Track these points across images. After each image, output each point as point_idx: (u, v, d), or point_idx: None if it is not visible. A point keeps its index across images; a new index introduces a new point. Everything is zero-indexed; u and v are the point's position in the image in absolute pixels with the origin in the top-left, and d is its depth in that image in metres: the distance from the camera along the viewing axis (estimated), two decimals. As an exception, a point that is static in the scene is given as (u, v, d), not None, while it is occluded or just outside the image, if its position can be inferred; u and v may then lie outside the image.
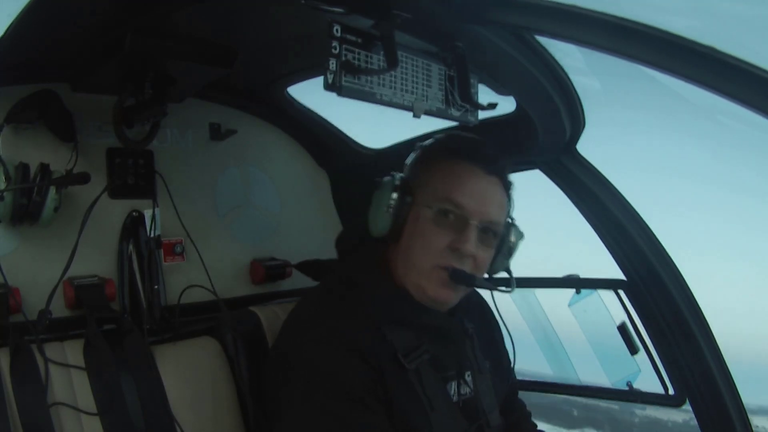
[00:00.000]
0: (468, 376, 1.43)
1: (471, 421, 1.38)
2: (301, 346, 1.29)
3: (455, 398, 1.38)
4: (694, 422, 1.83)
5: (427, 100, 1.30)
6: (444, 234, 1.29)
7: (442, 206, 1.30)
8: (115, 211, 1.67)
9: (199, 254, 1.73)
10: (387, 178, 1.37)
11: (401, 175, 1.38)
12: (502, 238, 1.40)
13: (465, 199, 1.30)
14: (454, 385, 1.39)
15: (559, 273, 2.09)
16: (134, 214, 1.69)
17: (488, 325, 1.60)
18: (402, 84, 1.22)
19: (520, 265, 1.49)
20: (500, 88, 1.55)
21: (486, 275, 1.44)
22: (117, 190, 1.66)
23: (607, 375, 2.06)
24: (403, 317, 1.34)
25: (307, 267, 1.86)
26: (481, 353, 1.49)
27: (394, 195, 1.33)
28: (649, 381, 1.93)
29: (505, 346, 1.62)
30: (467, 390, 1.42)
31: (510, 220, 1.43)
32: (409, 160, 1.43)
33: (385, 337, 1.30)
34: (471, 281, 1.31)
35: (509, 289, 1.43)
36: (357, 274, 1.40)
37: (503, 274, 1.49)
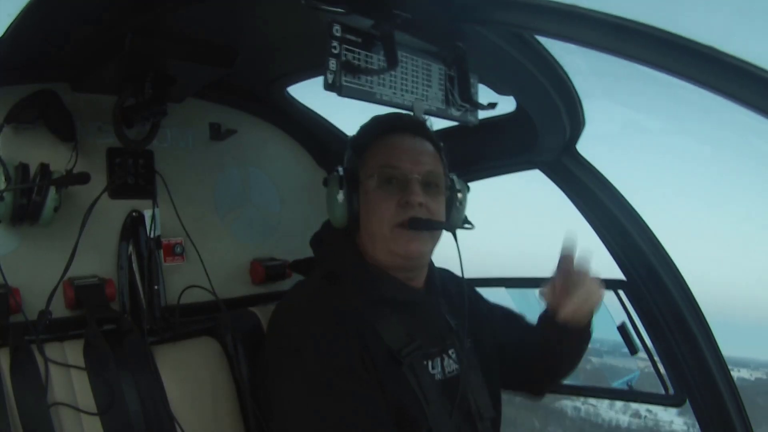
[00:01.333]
0: (452, 353, 1.44)
1: (460, 403, 1.38)
2: (289, 335, 1.31)
3: (439, 377, 1.39)
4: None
5: (427, 100, 1.30)
6: (391, 196, 1.36)
7: (381, 171, 1.37)
8: (115, 211, 1.67)
9: (199, 254, 1.73)
10: (332, 174, 1.42)
11: (342, 167, 1.43)
12: (450, 193, 1.47)
13: (400, 160, 1.37)
14: (438, 363, 1.40)
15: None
16: (134, 214, 1.69)
17: (475, 316, 1.58)
18: (402, 84, 1.22)
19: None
20: (500, 88, 1.55)
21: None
22: (117, 190, 1.66)
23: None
24: (383, 294, 1.37)
25: (299, 265, 1.88)
26: (467, 344, 1.50)
27: (341, 185, 1.39)
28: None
29: (487, 321, 1.62)
30: (452, 369, 1.43)
31: (451, 178, 1.50)
32: (346, 151, 1.48)
33: (376, 332, 1.31)
34: (429, 225, 1.37)
35: (470, 226, 1.51)
36: (335, 263, 1.43)
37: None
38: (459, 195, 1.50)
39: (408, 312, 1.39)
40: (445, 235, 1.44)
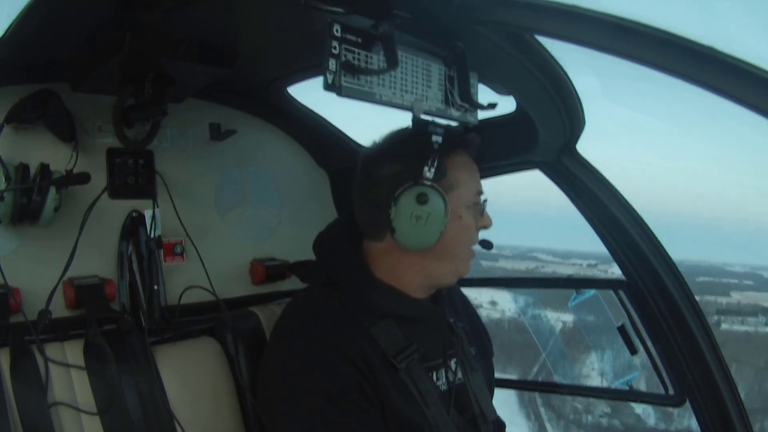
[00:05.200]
0: (454, 363, 1.44)
1: (462, 410, 1.40)
2: (290, 354, 1.31)
3: (444, 387, 1.39)
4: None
5: (426, 100, 1.29)
6: (476, 221, 1.41)
7: (478, 200, 1.41)
8: (115, 211, 1.67)
9: (199, 254, 1.73)
10: (428, 189, 1.27)
11: (430, 182, 1.28)
12: None
13: (480, 186, 1.42)
14: (442, 374, 1.41)
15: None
16: (134, 214, 1.69)
17: (471, 317, 1.65)
18: (402, 84, 1.22)
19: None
20: (500, 88, 1.55)
21: None
22: (117, 190, 1.66)
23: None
24: (390, 311, 1.35)
25: (297, 268, 1.87)
26: (468, 348, 1.51)
27: (444, 206, 1.28)
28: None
29: (486, 337, 1.67)
30: (455, 377, 1.43)
31: None
32: (427, 161, 1.29)
33: (374, 339, 1.31)
34: (491, 245, 1.48)
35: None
36: (341, 276, 1.40)
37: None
38: None
39: (411, 322, 1.38)
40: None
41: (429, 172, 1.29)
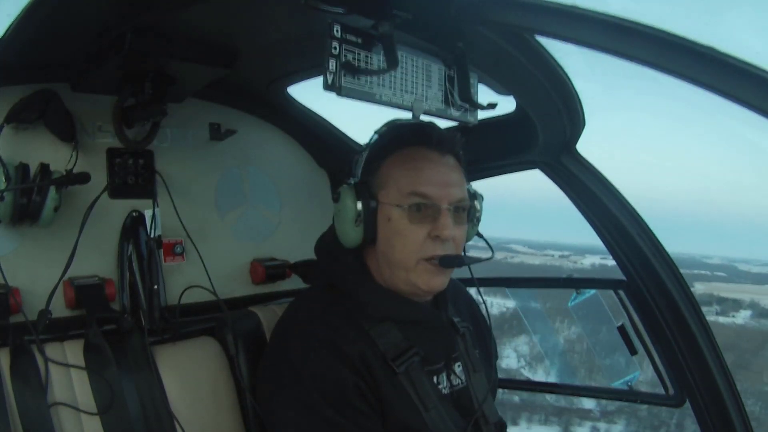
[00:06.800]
0: (458, 366, 1.44)
1: (465, 413, 1.39)
2: (290, 355, 1.31)
3: (446, 390, 1.39)
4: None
5: (426, 100, 1.30)
6: (420, 227, 1.29)
7: (412, 201, 1.28)
8: (115, 211, 1.67)
9: (199, 254, 1.73)
10: (344, 188, 1.32)
11: (356, 180, 1.33)
12: (469, 209, 1.40)
13: (430, 188, 1.28)
14: (444, 377, 1.40)
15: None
16: (134, 214, 1.69)
17: (476, 320, 1.62)
18: (402, 84, 1.22)
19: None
20: (500, 88, 1.55)
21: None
22: (117, 189, 1.66)
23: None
24: (389, 315, 1.35)
25: (299, 268, 1.86)
26: (473, 349, 1.50)
27: (359, 204, 1.30)
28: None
29: (492, 340, 1.63)
30: (458, 381, 1.42)
31: (469, 189, 1.42)
32: (359, 160, 1.36)
33: (374, 342, 1.31)
34: (460, 262, 1.33)
35: (490, 256, 1.42)
36: (340, 280, 1.40)
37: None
38: (477, 209, 1.44)
39: (411, 325, 1.37)
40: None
41: (358, 169, 1.34)
